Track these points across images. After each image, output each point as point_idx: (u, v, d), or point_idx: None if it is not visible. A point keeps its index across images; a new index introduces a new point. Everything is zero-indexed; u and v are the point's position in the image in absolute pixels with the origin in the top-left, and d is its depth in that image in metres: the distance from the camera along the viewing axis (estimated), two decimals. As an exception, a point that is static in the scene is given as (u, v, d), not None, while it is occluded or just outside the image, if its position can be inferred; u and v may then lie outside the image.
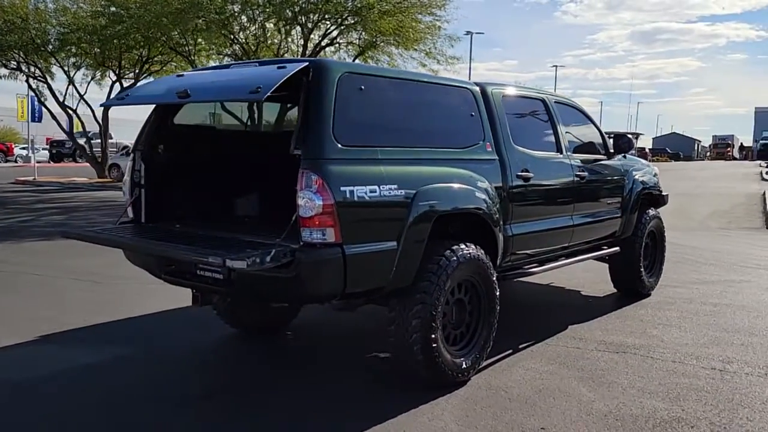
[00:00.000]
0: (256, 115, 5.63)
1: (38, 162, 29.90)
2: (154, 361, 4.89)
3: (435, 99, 4.59)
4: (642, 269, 6.78)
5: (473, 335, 4.53)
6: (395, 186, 3.92)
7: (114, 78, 24.07)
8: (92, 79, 24.75)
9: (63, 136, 31.38)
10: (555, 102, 5.82)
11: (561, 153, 5.65)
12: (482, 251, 4.47)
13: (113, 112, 25.33)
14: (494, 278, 4.58)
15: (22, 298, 6.68)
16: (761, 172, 31.84)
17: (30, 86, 24.66)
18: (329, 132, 3.69)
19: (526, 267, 5.30)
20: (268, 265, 3.48)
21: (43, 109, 25.67)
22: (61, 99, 24.40)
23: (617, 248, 6.42)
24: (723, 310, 6.45)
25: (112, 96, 20.64)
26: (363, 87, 3.98)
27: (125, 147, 34.85)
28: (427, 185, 4.11)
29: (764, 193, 19.60)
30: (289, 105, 5.63)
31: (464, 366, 4.35)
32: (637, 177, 6.70)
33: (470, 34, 44.56)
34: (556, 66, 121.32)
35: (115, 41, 19.71)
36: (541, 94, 5.77)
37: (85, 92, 25.25)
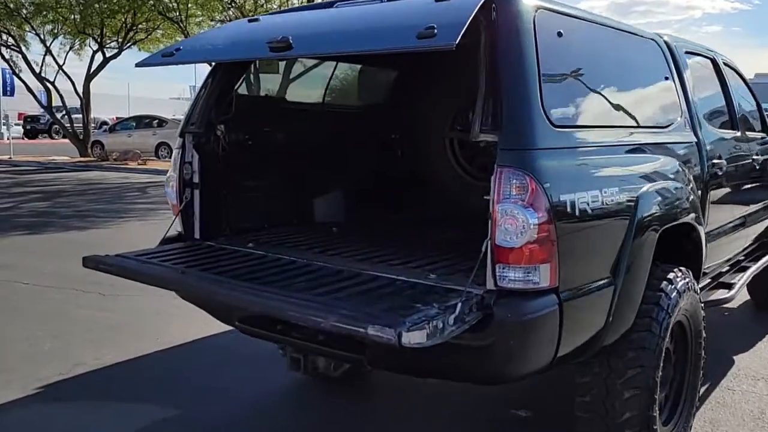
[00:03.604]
0: (348, 84, 4.14)
1: (12, 139, 27.83)
2: (205, 428, 3.48)
3: (632, 56, 3.18)
4: (792, 275, 5.44)
5: (678, 397, 3.17)
6: (616, 189, 2.54)
7: (95, 47, 22.13)
8: (71, 48, 22.79)
9: (36, 111, 29.23)
10: (724, 63, 4.41)
11: (737, 131, 4.27)
12: (692, 276, 3.10)
13: (92, 85, 23.32)
14: (703, 312, 3.23)
15: (12, 321, 5.16)
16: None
17: (2, 56, 22.58)
18: (538, 105, 2.27)
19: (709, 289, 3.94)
20: (450, 331, 2.06)
21: (16, 81, 23.56)
22: (37, 70, 22.40)
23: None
24: None
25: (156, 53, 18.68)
26: (562, 32, 2.54)
27: (104, 123, 32.86)
28: (648, 186, 2.73)
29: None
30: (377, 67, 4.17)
31: (676, 446, 3.01)
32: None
33: None
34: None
35: (96, 5, 17.80)
36: (710, 51, 4.35)
37: (64, 63, 23.24)
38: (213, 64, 3.20)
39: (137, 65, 2.83)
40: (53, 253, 7.61)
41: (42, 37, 21.83)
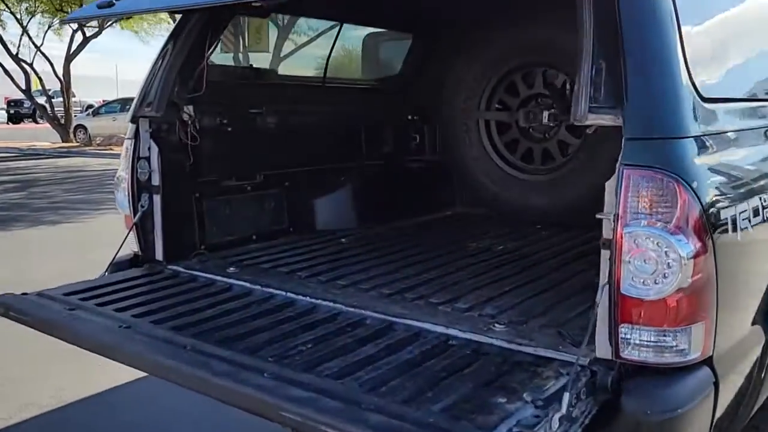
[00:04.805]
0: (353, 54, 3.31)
1: (-7, 124, 26.83)
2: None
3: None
4: None
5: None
6: (776, 190, 1.72)
7: (75, 27, 21.06)
8: (49, 27, 21.70)
9: (21, 95, 28.19)
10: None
11: None
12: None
13: (74, 67, 22.28)
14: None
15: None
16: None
17: (-25, 37, 21.53)
18: (681, 68, 1.43)
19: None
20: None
21: (-2, 65, 22.56)
22: (14, 52, 21.36)
23: None
24: None
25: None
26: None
27: (90, 106, 31.73)
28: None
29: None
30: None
31: None
32: None
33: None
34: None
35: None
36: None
37: (42, 44, 22.17)
38: (175, 20, 2.35)
39: (62, 22, 2.01)
40: (16, 254, 6.80)
41: (17, 16, 20.75)
